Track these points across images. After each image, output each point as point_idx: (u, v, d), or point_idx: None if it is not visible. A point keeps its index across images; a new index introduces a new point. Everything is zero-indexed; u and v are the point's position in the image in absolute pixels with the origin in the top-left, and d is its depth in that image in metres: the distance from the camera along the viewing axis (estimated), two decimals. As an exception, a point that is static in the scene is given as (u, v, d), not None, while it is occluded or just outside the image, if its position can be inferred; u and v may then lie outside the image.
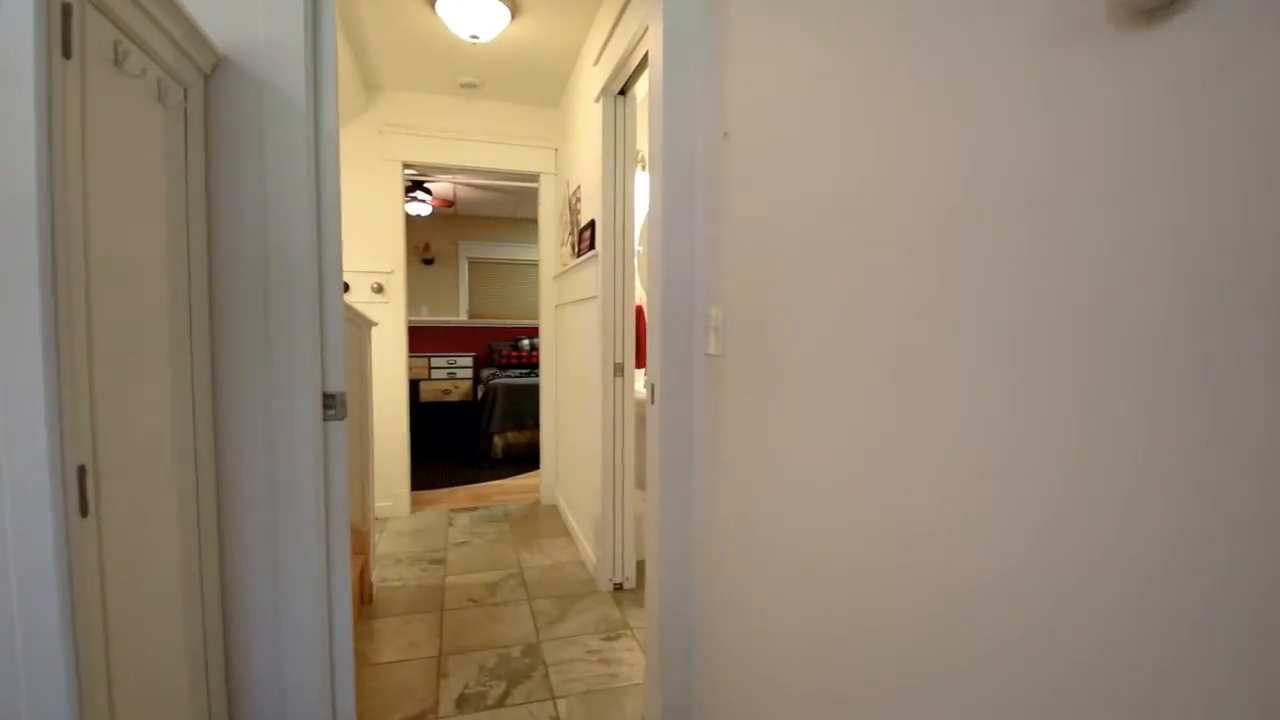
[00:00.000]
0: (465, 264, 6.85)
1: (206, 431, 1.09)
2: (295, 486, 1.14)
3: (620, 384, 2.25)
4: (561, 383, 3.30)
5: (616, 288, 2.22)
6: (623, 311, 2.23)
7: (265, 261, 1.12)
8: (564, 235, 3.14)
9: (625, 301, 2.23)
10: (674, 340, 1.36)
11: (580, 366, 2.72)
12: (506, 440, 4.74)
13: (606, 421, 2.25)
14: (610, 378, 2.24)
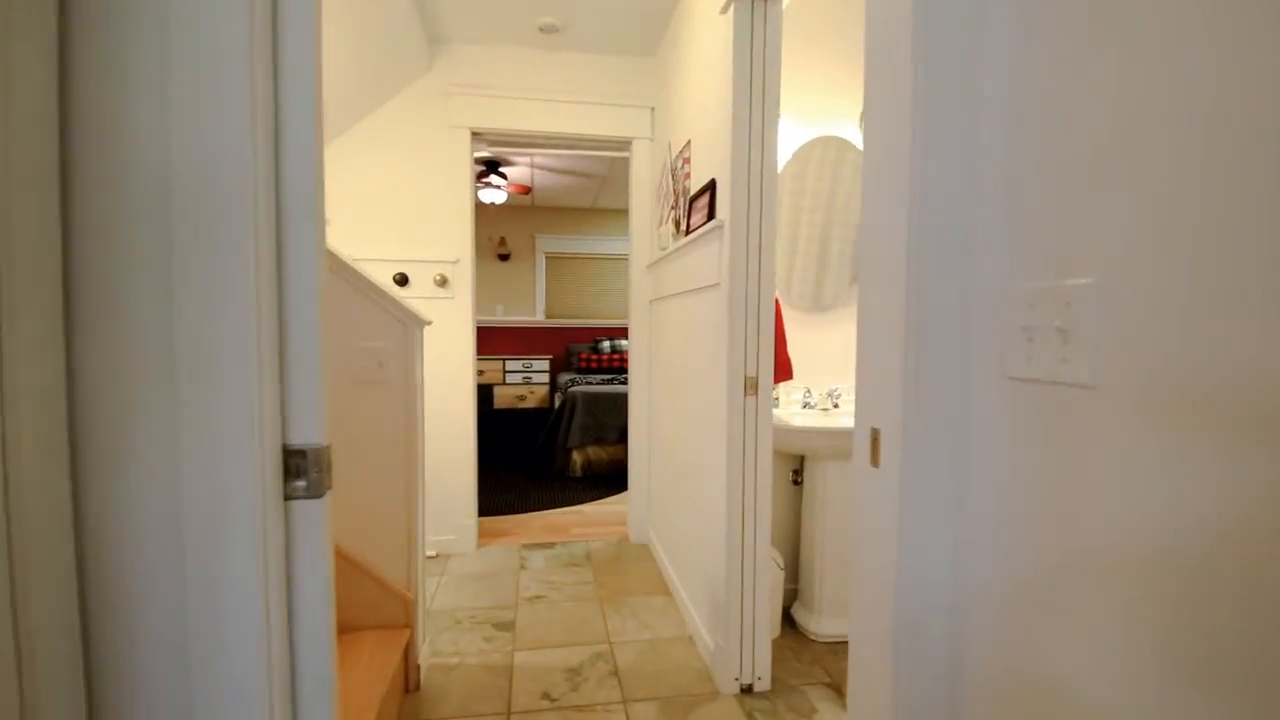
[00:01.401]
0: (542, 260, 6.44)
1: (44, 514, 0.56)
2: (221, 638, 0.60)
3: (754, 406, 1.63)
4: (657, 394, 2.72)
5: (750, 269, 1.60)
6: (758, 303, 1.61)
7: (166, 191, 0.58)
8: (663, 212, 2.55)
9: (763, 288, 1.61)
10: (932, 347, 0.73)
11: (685, 376, 2.13)
12: (586, 456, 4.22)
13: (734, 457, 1.63)
14: (739, 396, 1.62)
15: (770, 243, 1.60)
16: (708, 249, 1.80)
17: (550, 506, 3.57)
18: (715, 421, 1.76)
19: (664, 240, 2.46)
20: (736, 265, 1.59)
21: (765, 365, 1.62)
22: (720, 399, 1.69)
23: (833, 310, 2.29)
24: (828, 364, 2.30)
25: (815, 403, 2.15)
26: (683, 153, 2.21)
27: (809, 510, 2.13)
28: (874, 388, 0.81)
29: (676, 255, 2.20)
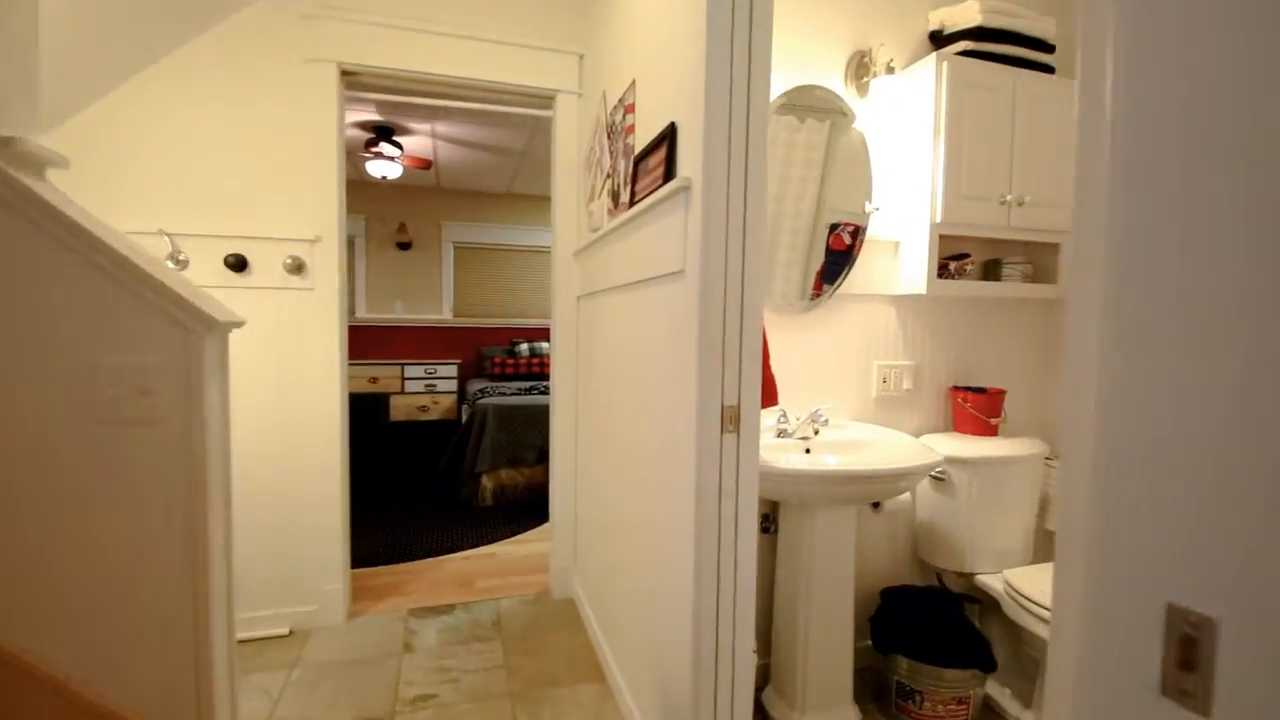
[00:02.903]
0: (450, 250, 5.75)
1: None
2: None
3: (734, 446, 1.16)
4: (587, 411, 2.21)
5: (732, 251, 1.12)
6: (742, 301, 1.14)
7: None
8: (595, 183, 2.05)
9: (750, 279, 1.14)
10: None
11: (629, 397, 1.63)
12: (499, 481, 3.64)
13: (705, 517, 1.16)
14: (714, 433, 1.14)
15: (762, 213, 1.13)
16: (664, 223, 1.31)
17: (453, 549, 2.97)
18: (677, 465, 1.27)
19: (597, 219, 1.95)
20: (712, 244, 1.11)
21: (751, 390, 1.15)
22: (684, 434, 1.21)
23: (811, 312, 1.87)
24: (809, 379, 1.88)
25: (793, 430, 1.71)
26: (624, 99, 1.71)
27: (787, 568, 1.69)
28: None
29: (616, 236, 1.70)
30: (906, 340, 2.01)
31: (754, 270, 1.13)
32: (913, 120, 1.86)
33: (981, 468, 1.85)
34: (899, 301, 1.99)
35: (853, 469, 1.36)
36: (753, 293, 1.13)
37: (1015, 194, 1.89)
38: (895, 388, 1.98)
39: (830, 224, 1.85)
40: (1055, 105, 1.93)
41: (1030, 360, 2.21)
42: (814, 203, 1.85)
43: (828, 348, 1.90)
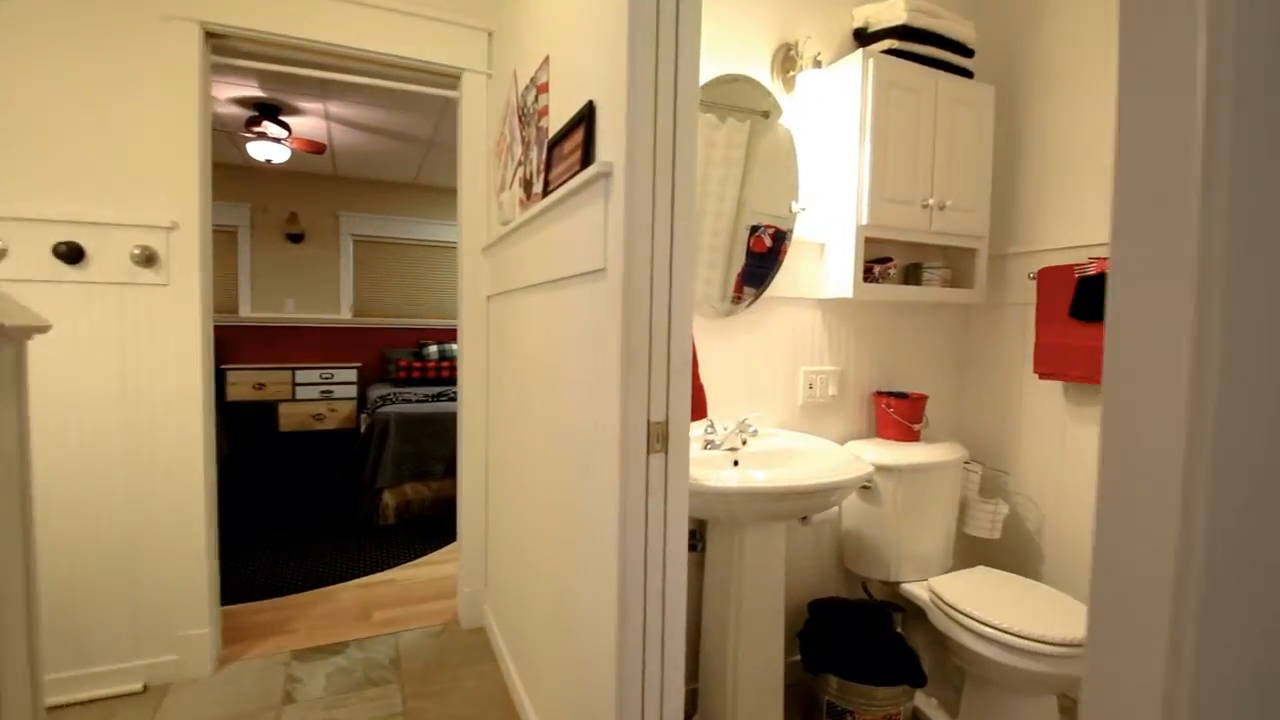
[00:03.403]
0: (349, 244, 5.34)
1: None
2: None
3: (662, 467, 1.04)
4: (500, 421, 2.03)
5: (659, 245, 1.00)
6: (670, 303, 1.02)
7: None
8: (505, 173, 1.88)
9: (679, 278, 1.02)
10: None
11: (545, 408, 1.48)
12: (403, 497, 3.37)
13: (630, 547, 1.03)
14: (639, 453, 1.02)
15: (691, 203, 1.02)
16: (582, 215, 1.17)
17: (348, 575, 2.69)
18: (598, 487, 1.14)
19: (508, 212, 1.78)
20: (637, 238, 0.99)
21: (681, 403, 1.04)
22: (607, 454, 1.07)
23: (736, 316, 1.79)
24: (734, 386, 1.80)
25: (721, 440, 1.62)
26: (536, 78, 1.55)
27: (716, 587, 1.59)
28: None
29: (528, 230, 1.55)
30: (832, 345, 1.97)
31: (684, 268, 1.01)
32: (839, 118, 1.82)
33: (906, 475, 1.83)
34: (824, 305, 1.95)
35: (785, 485, 1.28)
36: (683, 294, 1.02)
37: (937, 198, 1.89)
38: (821, 394, 1.94)
39: (751, 226, 1.77)
40: (974, 110, 1.95)
41: (947, 365, 2.24)
42: (734, 204, 1.77)
43: (754, 353, 1.83)
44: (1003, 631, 1.51)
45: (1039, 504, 2.04)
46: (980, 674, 1.61)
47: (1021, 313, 2.09)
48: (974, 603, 1.63)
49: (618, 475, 1.02)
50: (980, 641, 1.56)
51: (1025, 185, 2.08)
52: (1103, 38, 1.85)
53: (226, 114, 3.78)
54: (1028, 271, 2.04)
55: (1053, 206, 2.00)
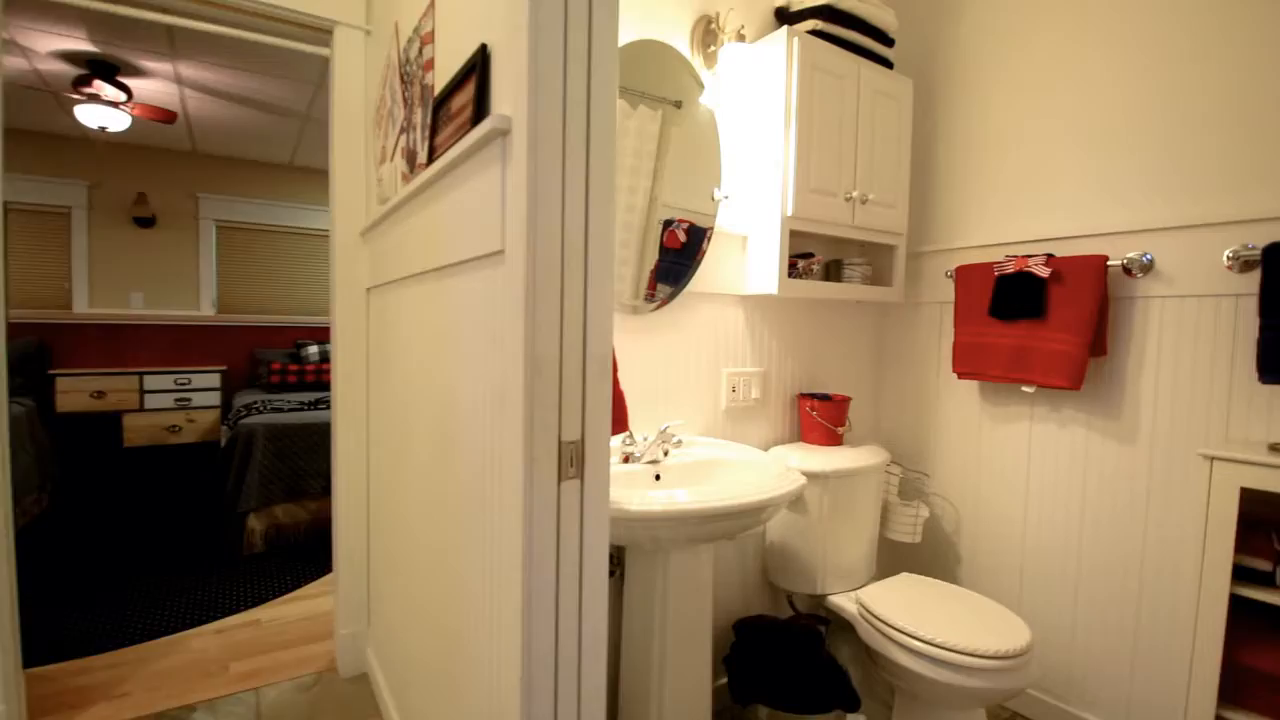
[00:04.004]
0: (211, 230, 4.72)
1: None
2: None
3: (576, 495, 0.84)
4: (384, 429, 1.75)
5: (572, 221, 0.81)
6: (585, 293, 0.83)
7: None
8: (388, 143, 1.61)
9: (596, 261, 0.83)
10: None
11: (436, 424, 1.24)
12: (273, 521, 2.95)
13: (539, 595, 0.83)
14: (549, 481, 0.82)
15: (611, 166, 0.83)
16: (475, 185, 0.96)
17: (201, 618, 2.29)
18: (499, 521, 0.93)
19: (388, 188, 1.52)
20: (544, 211, 0.79)
21: (599, 418, 0.85)
22: (509, 480, 0.87)
23: (652, 314, 1.62)
24: (654, 391, 1.63)
25: (641, 453, 1.45)
26: (420, 28, 1.31)
27: (638, 616, 1.42)
28: None
29: (411, 208, 1.30)
30: (755, 345, 1.85)
31: (604, 251, 0.82)
32: (763, 100, 1.70)
33: (833, 482, 1.75)
34: (747, 302, 1.82)
35: (715, 506, 1.12)
36: (601, 283, 0.83)
37: (860, 191, 1.81)
38: (744, 397, 1.82)
39: (664, 220, 1.61)
40: (894, 102, 1.90)
41: (864, 365, 2.19)
42: (646, 197, 1.61)
43: (674, 355, 1.67)
44: (936, 646, 1.44)
45: (956, 505, 2.03)
46: (911, 689, 1.53)
47: (938, 311, 2.07)
48: (904, 615, 1.55)
49: (521, 507, 0.82)
50: (912, 656, 1.48)
51: (941, 182, 2.06)
52: (1018, 34, 1.85)
53: (48, 71, 3.18)
54: (945, 270, 2.02)
55: (969, 204, 1.99)
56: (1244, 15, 1.43)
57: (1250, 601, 1.29)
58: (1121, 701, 1.64)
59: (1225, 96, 1.46)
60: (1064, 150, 1.75)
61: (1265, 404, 1.41)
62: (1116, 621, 1.65)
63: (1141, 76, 1.60)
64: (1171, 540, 1.55)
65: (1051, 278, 1.68)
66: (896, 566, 2.12)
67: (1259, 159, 1.42)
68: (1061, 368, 1.65)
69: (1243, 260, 1.42)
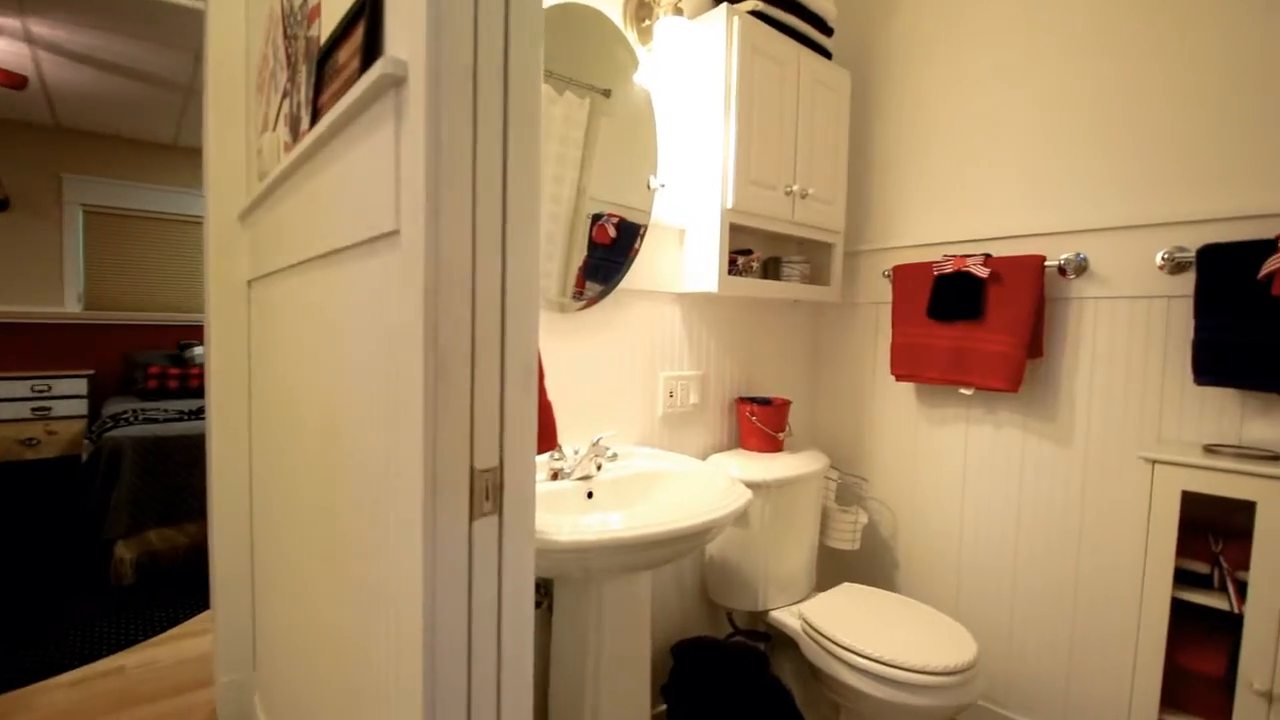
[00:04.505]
0: (78, 216, 4.17)
1: None
2: None
3: (493, 536, 0.68)
4: (268, 449, 1.51)
5: (487, 186, 0.64)
6: (501, 287, 0.66)
7: None
8: (270, 111, 1.38)
9: (516, 247, 0.67)
10: None
11: (327, 441, 1.04)
12: (146, 547, 2.58)
13: (443, 645, 0.66)
14: (458, 520, 0.65)
15: (536, 129, 0.67)
16: (363, 149, 0.77)
17: (53, 669, 1.94)
18: (393, 565, 0.75)
19: (269, 160, 1.29)
20: (448, 180, 0.62)
21: (522, 439, 0.69)
22: (406, 518, 0.69)
23: (582, 313, 1.47)
24: (585, 398, 1.48)
25: (571, 468, 1.29)
26: (305, -30, 1.10)
27: (568, 651, 1.27)
28: None
29: (295, 183, 1.09)
30: (693, 347, 1.74)
31: (527, 232, 0.67)
32: (702, 82, 1.58)
33: (774, 490, 1.65)
34: (685, 300, 1.70)
35: (656, 532, 0.98)
36: (525, 269, 0.67)
37: (800, 185, 1.73)
38: (682, 402, 1.70)
39: (593, 214, 1.47)
40: (833, 94, 1.83)
41: (801, 367, 2.13)
42: (574, 188, 1.46)
43: (607, 358, 1.52)
44: (884, 664, 1.37)
45: (894, 510, 1.99)
46: (856, 709, 1.46)
47: (874, 312, 2.02)
48: (849, 629, 1.47)
49: (420, 554, 0.65)
50: (859, 675, 1.40)
51: (878, 180, 2.01)
52: (952, 31, 1.82)
53: None
54: (881, 269, 1.97)
55: (906, 202, 1.95)
56: (1173, 18, 1.43)
57: (1187, 604, 1.28)
58: (1060, 704, 1.63)
59: (1154, 99, 1.47)
60: (1000, 149, 1.73)
61: (1196, 405, 1.42)
62: (1053, 625, 1.64)
63: (1073, 76, 1.59)
64: (1108, 543, 1.55)
65: (990, 278, 1.65)
66: (835, 575, 2.06)
67: (1190, 162, 1.42)
68: (1000, 369, 1.63)
69: (1176, 262, 1.42)
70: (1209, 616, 1.28)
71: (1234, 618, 1.22)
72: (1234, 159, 1.36)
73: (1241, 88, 1.35)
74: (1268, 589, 1.16)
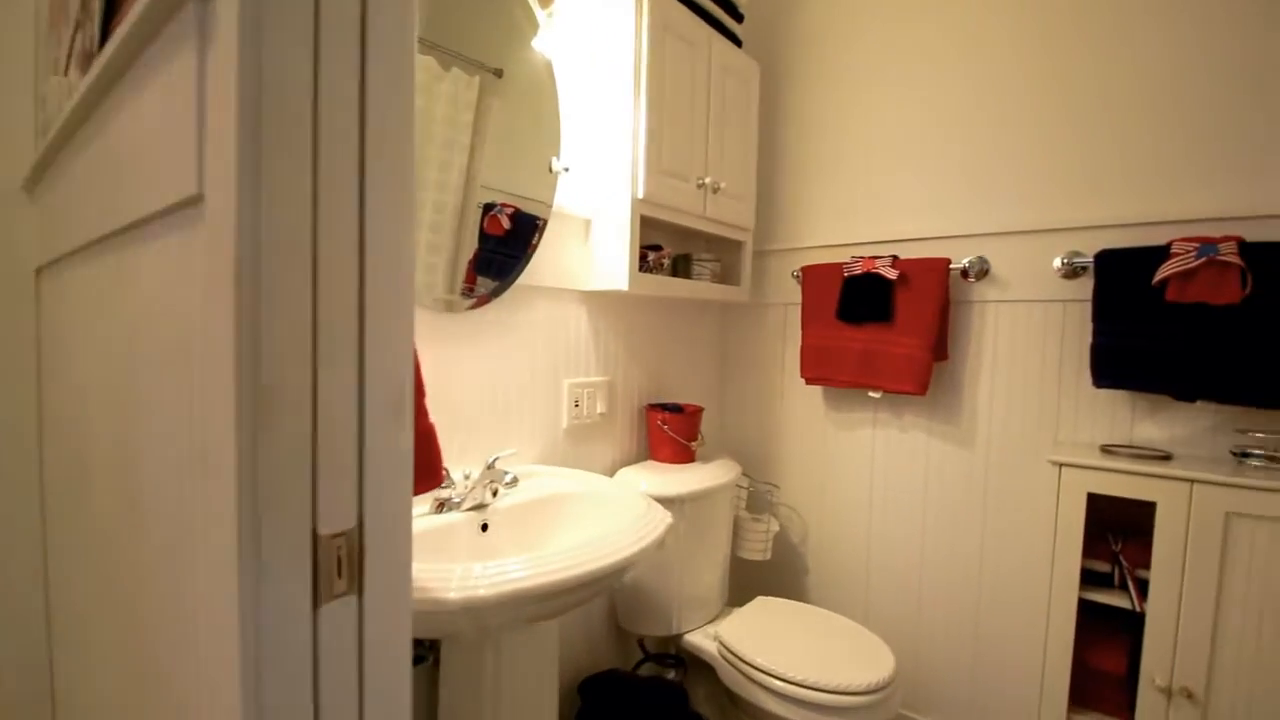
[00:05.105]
0: None
1: None
2: None
3: (352, 623, 0.49)
4: (62, 493, 1.18)
5: (333, 147, 0.45)
6: (360, 270, 0.48)
7: None
8: (61, 50, 1.07)
9: (379, 222, 0.48)
10: None
11: (119, 483, 0.78)
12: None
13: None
14: (292, 604, 0.46)
15: (410, 45, 0.49)
16: (156, 85, 0.55)
17: None
18: (210, 658, 0.53)
19: (54, 107, 0.99)
20: (282, 117, 0.43)
21: (393, 485, 0.50)
22: (219, 606, 0.48)
23: (472, 314, 1.28)
24: (477, 412, 1.28)
25: (461, 496, 1.10)
26: None
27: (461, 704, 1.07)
28: None
29: (87, 133, 0.83)
30: (600, 350, 1.59)
31: (397, 200, 0.48)
32: (609, 57, 1.43)
33: (689, 505, 1.54)
34: (591, 299, 1.55)
35: (565, 577, 0.82)
36: (394, 257, 0.49)
37: (712, 178, 1.63)
38: (589, 412, 1.54)
39: (484, 204, 1.28)
40: (743, 84, 1.75)
41: (709, 370, 2.04)
42: (462, 175, 1.27)
43: (504, 364, 1.34)
44: (806, 686, 1.29)
45: (804, 516, 1.95)
46: (778, 736, 1.37)
47: (783, 313, 1.97)
48: (767, 651, 1.39)
49: (238, 660, 0.45)
50: (780, 701, 1.32)
51: (787, 178, 1.96)
52: (858, 28, 1.80)
53: None
54: (790, 270, 1.92)
55: (816, 202, 1.91)
56: (1076, 29, 1.47)
57: (1089, 603, 1.30)
58: (968, 706, 1.64)
59: (1054, 107, 1.50)
60: (907, 151, 1.73)
61: (1091, 406, 1.46)
62: (960, 627, 1.65)
63: (975, 83, 1.60)
64: (1010, 544, 1.57)
65: (899, 280, 1.63)
66: (746, 586, 1.99)
67: (1087, 169, 1.46)
68: (908, 372, 1.61)
69: (1073, 266, 1.45)
70: (1110, 615, 1.30)
71: (1134, 615, 1.25)
72: (1130, 167, 1.41)
73: (1137, 97, 1.39)
74: (1168, 587, 1.18)
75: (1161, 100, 1.36)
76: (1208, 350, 1.23)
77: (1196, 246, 1.23)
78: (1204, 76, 1.31)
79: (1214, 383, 1.23)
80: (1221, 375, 1.22)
